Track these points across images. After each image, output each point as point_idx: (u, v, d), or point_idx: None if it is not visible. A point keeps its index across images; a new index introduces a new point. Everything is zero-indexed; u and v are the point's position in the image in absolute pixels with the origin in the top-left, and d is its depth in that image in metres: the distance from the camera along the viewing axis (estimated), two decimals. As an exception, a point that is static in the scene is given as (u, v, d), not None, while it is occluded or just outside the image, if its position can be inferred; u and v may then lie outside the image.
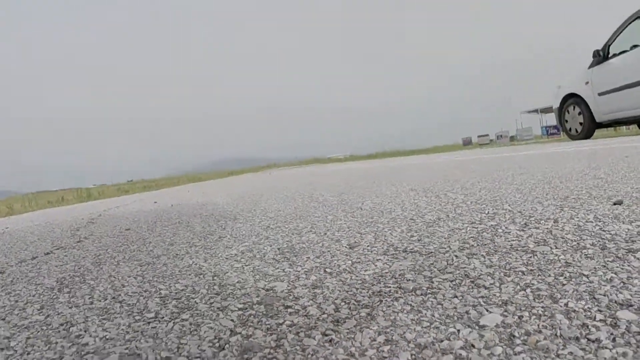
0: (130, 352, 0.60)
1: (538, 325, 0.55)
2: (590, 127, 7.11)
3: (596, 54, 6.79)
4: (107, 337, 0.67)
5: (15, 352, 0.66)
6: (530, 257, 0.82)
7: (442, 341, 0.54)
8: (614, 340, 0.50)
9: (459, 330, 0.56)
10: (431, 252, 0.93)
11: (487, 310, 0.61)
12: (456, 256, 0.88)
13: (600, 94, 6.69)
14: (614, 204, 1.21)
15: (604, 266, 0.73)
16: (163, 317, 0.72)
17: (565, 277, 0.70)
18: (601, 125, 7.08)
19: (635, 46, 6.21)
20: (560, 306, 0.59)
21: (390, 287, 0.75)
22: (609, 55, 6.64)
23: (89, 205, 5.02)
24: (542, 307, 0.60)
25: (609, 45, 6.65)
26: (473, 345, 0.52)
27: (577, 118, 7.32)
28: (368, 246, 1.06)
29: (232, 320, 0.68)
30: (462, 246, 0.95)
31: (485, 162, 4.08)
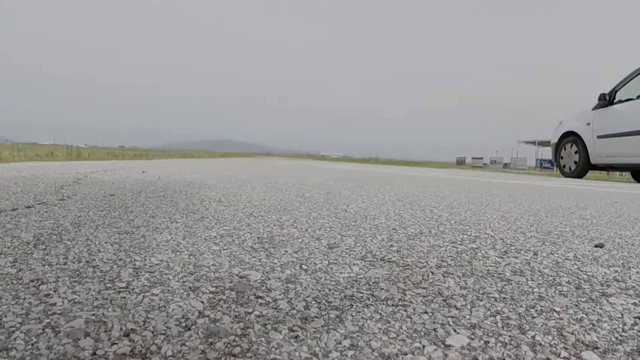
0: (97, 319, 0.60)
1: (503, 353, 0.55)
2: (584, 167, 7.17)
3: (602, 97, 6.84)
4: (75, 300, 0.66)
5: (-20, 301, 0.65)
6: (505, 285, 0.83)
7: (406, 354, 0.54)
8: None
9: (424, 346, 0.56)
10: (408, 265, 0.94)
11: (455, 331, 0.61)
12: (432, 273, 0.89)
13: (599, 137, 6.75)
14: (596, 246, 1.22)
15: (576, 305, 0.73)
16: (134, 289, 0.72)
17: (536, 310, 0.70)
18: (595, 167, 7.15)
19: None
20: (527, 338, 0.60)
21: (362, 293, 0.75)
22: (614, 101, 6.69)
23: (77, 164, 4.98)
24: (510, 336, 0.60)
25: (616, 91, 6.71)
26: (436, 363, 0.53)
27: (572, 156, 7.38)
28: (347, 249, 1.06)
29: (202, 302, 0.68)
30: (440, 264, 0.96)
31: (476, 184, 4.09)
